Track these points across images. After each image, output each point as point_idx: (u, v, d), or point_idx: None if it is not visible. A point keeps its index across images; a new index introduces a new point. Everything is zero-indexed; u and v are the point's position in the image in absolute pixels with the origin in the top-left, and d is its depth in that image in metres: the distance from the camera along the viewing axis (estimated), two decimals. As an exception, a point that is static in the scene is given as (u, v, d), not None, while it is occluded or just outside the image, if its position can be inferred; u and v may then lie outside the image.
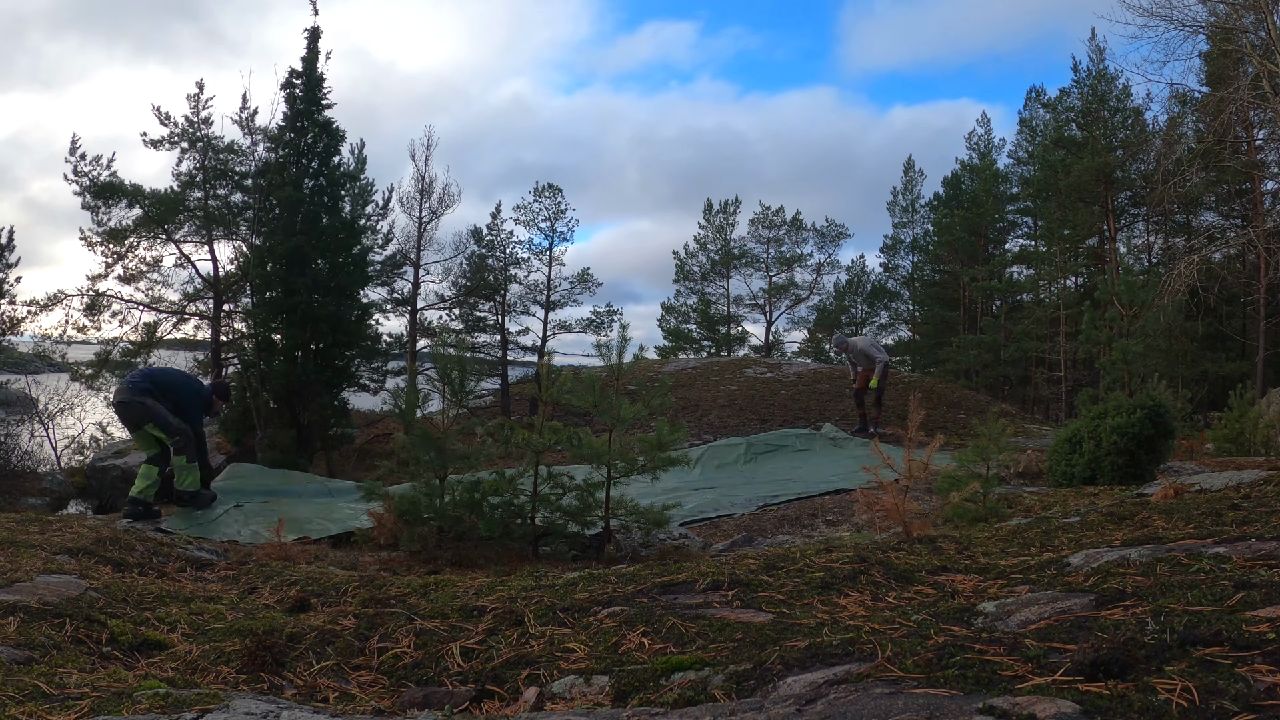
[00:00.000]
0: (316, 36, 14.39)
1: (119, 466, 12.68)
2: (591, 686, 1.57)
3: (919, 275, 34.87)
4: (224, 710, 1.40)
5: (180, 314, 17.82)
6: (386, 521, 5.07)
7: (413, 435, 4.86)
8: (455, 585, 2.58)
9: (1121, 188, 25.27)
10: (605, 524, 4.99)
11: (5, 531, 3.44)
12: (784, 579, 2.15)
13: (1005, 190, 31.22)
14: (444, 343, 18.69)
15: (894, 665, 1.35)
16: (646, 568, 2.68)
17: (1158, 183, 19.25)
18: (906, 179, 34.92)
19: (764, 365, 20.00)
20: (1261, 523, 2.13)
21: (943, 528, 4.08)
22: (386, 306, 20.37)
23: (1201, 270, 16.24)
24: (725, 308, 34.52)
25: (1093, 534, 2.53)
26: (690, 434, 11.57)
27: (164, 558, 3.59)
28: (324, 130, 14.24)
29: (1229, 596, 1.46)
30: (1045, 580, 1.89)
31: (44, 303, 16.34)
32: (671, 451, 5.14)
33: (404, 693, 1.73)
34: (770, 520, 6.37)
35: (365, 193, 18.58)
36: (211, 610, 2.45)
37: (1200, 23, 15.84)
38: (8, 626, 2.00)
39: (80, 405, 16.31)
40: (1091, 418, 5.83)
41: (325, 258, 13.73)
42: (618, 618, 1.93)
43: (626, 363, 5.03)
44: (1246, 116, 17.97)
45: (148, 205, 16.14)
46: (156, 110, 16.68)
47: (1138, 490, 4.05)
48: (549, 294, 23.21)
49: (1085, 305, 7.21)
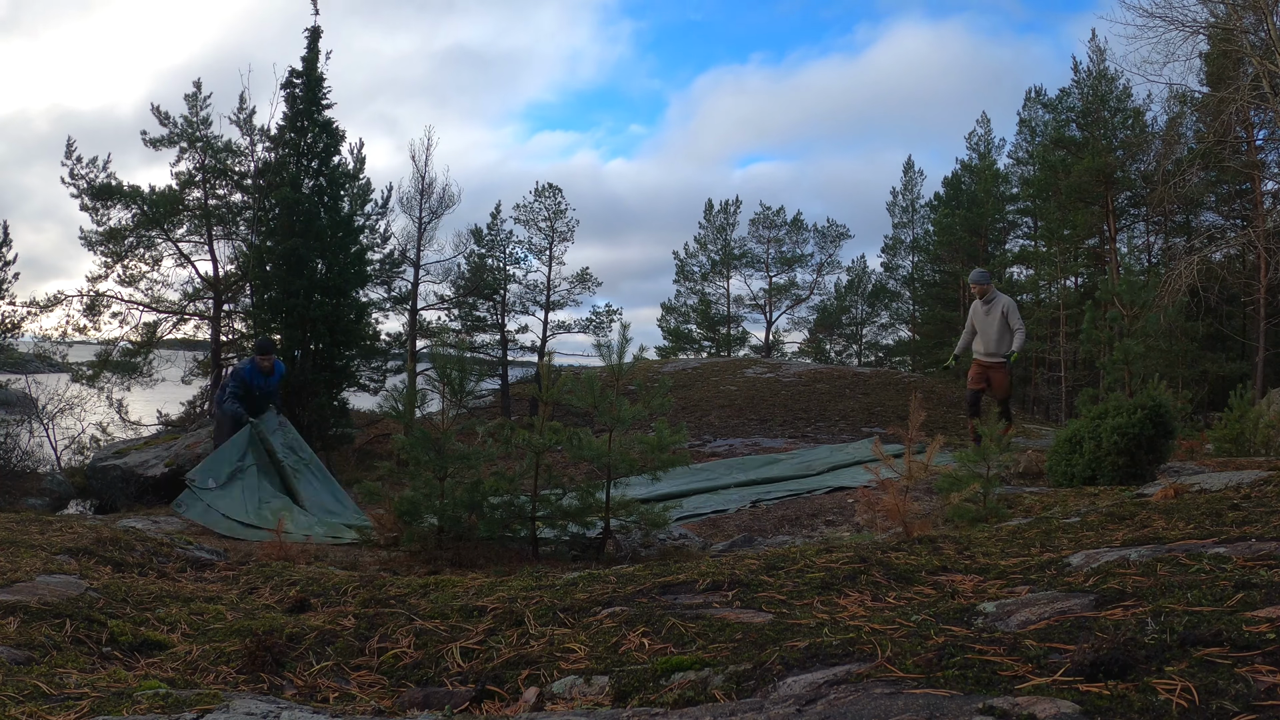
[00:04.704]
0: (317, 36, 14.39)
1: (119, 466, 12.66)
2: (591, 687, 1.57)
3: (919, 275, 34.87)
4: (224, 710, 1.40)
5: (180, 314, 17.84)
6: (386, 521, 5.07)
7: (412, 435, 4.86)
8: (455, 585, 2.58)
9: (1121, 188, 25.26)
10: (605, 524, 4.99)
11: (5, 531, 3.44)
12: (784, 579, 2.15)
13: (1005, 190, 31.21)
14: (443, 343, 18.70)
15: (894, 665, 1.35)
16: (646, 568, 2.68)
17: (1158, 183, 19.25)
18: (906, 179, 34.94)
19: (764, 365, 19.99)
20: (1261, 523, 2.13)
21: (943, 528, 4.08)
22: (386, 306, 20.39)
23: (1201, 270, 16.24)
24: (725, 308, 34.52)
25: (1093, 534, 2.53)
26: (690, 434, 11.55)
27: (164, 558, 3.59)
28: (324, 130, 14.23)
29: (1229, 597, 1.46)
30: (1045, 580, 1.89)
31: (44, 303, 16.36)
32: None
33: (404, 693, 1.73)
34: (770, 520, 6.37)
35: (364, 192, 18.59)
36: (211, 610, 2.45)
37: (1200, 23, 15.83)
38: (8, 626, 2.00)
39: (80, 405, 16.30)
40: (1091, 418, 5.83)
41: (324, 258, 13.73)
42: (618, 618, 1.93)
43: (626, 363, 5.03)
44: (1246, 116, 17.96)
45: (146, 205, 16.16)
46: (156, 110, 16.71)
47: (1138, 490, 4.05)
48: (549, 294, 23.22)
49: (1085, 305, 7.21)
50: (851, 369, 23.70)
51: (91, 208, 16.28)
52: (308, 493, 7.06)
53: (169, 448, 13.01)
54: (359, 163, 16.85)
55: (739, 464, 9.98)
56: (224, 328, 16.98)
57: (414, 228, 19.97)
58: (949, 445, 8.10)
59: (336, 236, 13.97)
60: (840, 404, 14.77)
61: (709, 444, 13.19)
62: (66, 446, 15.61)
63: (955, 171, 33.51)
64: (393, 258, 19.96)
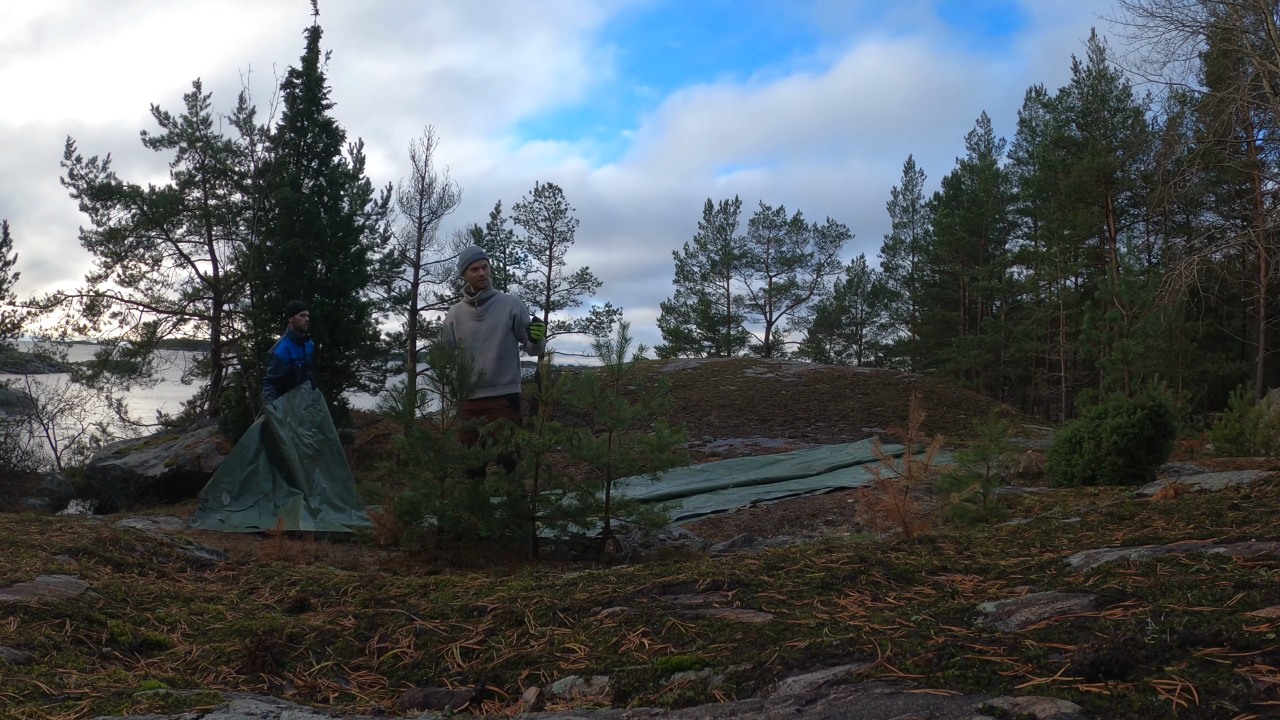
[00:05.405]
0: (317, 36, 14.39)
1: (119, 466, 12.67)
2: (591, 687, 1.57)
3: (919, 275, 34.88)
4: (224, 710, 1.40)
5: (180, 314, 17.86)
6: (386, 521, 5.07)
7: (412, 435, 4.86)
8: (455, 585, 2.58)
9: (1121, 188, 25.28)
10: (605, 524, 4.99)
11: (5, 531, 3.44)
12: (784, 579, 2.15)
13: (1005, 190, 31.23)
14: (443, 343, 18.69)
15: (894, 665, 1.35)
16: (646, 568, 2.68)
17: (1158, 183, 19.27)
18: (907, 179, 34.96)
19: (764, 365, 20.00)
20: (1261, 523, 2.13)
21: (943, 528, 4.08)
22: (386, 306, 20.40)
23: (1201, 270, 16.25)
24: (725, 308, 34.54)
25: (1093, 534, 2.53)
26: (690, 434, 11.54)
27: (164, 558, 3.59)
28: (324, 130, 14.23)
29: (1229, 597, 1.46)
30: (1045, 580, 1.89)
31: (44, 303, 16.38)
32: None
33: (404, 693, 1.73)
34: (770, 520, 6.37)
35: (364, 192, 18.59)
36: (211, 610, 2.45)
37: (1200, 23, 15.84)
38: (8, 626, 2.00)
39: (80, 405, 16.31)
40: (1091, 418, 5.83)
41: (324, 258, 13.73)
42: (618, 618, 1.93)
43: (626, 363, 5.03)
44: (1246, 116, 17.98)
45: (146, 205, 16.17)
46: (155, 110, 16.72)
47: (1138, 490, 4.05)
48: (549, 294, 23.23)
49: (1085, 305, 7.22)
50: (851, 369, 23.71)
51: (91, 208, 16.30)
52: (319, 481, 7.07)
53: (169, 448, 13.02)
54: (359, 163, 16.86)
55: (739, 464, 9.98)
56: (224, 328, 16.99)
57: (414, 228, 19.98)
58: (949, 445, 8.10)
59: (336, 236, 13.97)
60: (840, 404, 14.77)
61: (709, 444, 13.19)
62: (66, 446, 15.63)
63: (955, 171, 33.55)
64: (393, 258, 19.97)
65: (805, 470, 9.06)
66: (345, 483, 7.30)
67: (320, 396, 7.65)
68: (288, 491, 6.86)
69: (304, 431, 7.23)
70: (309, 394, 7.48)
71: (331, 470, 7.27)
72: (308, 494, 6.86)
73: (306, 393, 7.47)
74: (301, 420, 7.27)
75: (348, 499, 7.12)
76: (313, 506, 6.73)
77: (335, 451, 7.44)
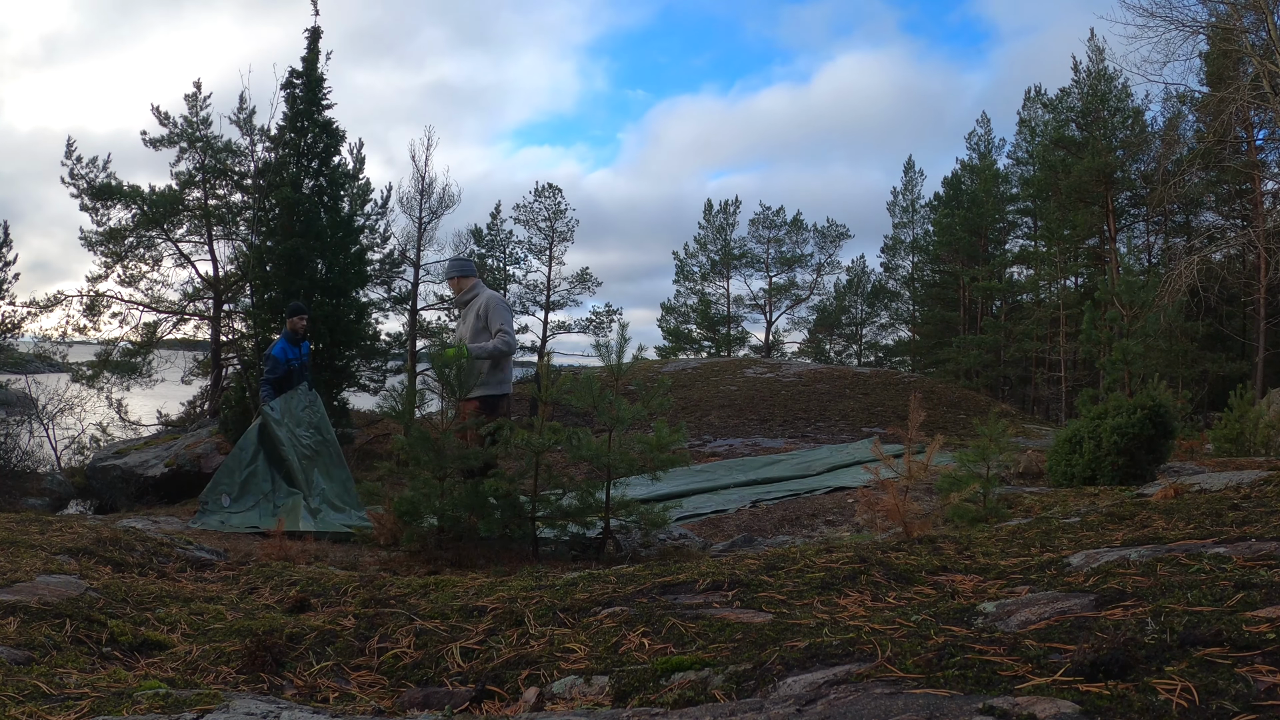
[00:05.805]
0: (317, 36, 14.39)
1: (119, 466, 12.68)
2: (591, 687, 1.57)
3: (919, 275, 34.88)
4: (224, 710, 1.40)
5: (180, 314, 17.87)
6: (386, 521, 5.07)
7: (412, 435, 4.86)
8: (455, 585, 2.58)
9: (1121, 188, 25.29)
10: (605, 524, 4.99)
11: (5, 531, 3.44)
12: (784, 579, 2.15)
13: (1005, 190, 31.23)
14: (443, 343, 18.72)
15: (894, 665, 1.35)
16: (646, 568, 2.68)
17: (1158, 183, 19.27)
18: (907, 179, 34.96)
19: (764, 365, 20.00)
20: (1261, 523, 2.13)
21: (943, 528, 4.07)
22: (386, 306, 20.42)
23: (1201, 270, 16.24)
24: (725, 308, 34.54)
25: (1093, 534, 2.53)
26: (690, 434, 11.53)
27: (164, 558, 3.59)
28: (324, 130, 14.23)
29: (1229, 596, 1.46)
30: (1045, 580, 1.89)
31: (44, 303, 16.39)
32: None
33: (404, 693, 1.73)
34: (770, 520, 6.37)
35: (364, 192, 18.60)
36: (211, 610, 2.45)
37: (1200, 23, 15.85)
38: (8, 626, 2.00)
39: (80, 405, 16.31)
40: (1091, 418, 5.83)
41: (324, 258, 13.73)
42: (618, 618, 1.93)
43: (626, 363, 5.03)
44: (1246, 116, 17.98)
45: (146, 205, 16.17)
46: (155, 110, 16.72)
47: (1138, 490, 4.05)
48: (549, 294, 23.23)
49: (1085, 305, 7.22)
50: (851, 369, 23.71)
51: (91, 208, 16.30)
52: (318, 481, 7.06)
53: (169, 448, 13.02)
54: (359, 163, 16.86)
55: (739, 464, 9.98)
56: (224, 328, 16.99)
57: (414, 228, 19.99)
58: (949, 445, 8.10)
59: (336, 237, 13.97)
60: (840, 404, 14.77)
61: (709, 444, 13.19)
62: (66, 446, 15.63)
63: (955, 172, 33.55)
64: (393, 258, 19.99)
65: (805, 470, 9.06)
66: (344, 483, 7.29)
67: (317, 397, 7.65)
68: (287, 492, 6.86)
69: (301, 432, 7.22)
70: (305, 395, 7.48)
71: (330, 471, 7.26)
72: (307, 494, 6.86)
73: (303, 394, 7.46)
74: (299, 421, 7.26)
75: (347, 499, 7.12)
76: (313, 506, 6.73)
77: (334, 452, 7.44)
